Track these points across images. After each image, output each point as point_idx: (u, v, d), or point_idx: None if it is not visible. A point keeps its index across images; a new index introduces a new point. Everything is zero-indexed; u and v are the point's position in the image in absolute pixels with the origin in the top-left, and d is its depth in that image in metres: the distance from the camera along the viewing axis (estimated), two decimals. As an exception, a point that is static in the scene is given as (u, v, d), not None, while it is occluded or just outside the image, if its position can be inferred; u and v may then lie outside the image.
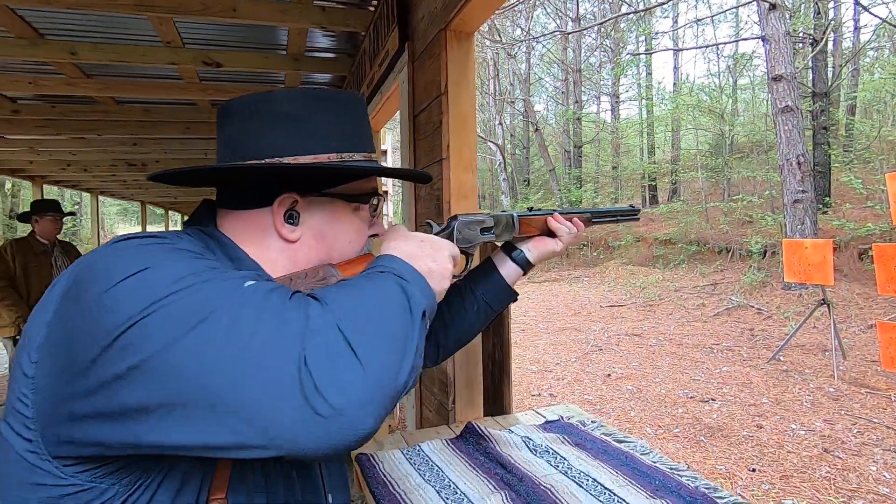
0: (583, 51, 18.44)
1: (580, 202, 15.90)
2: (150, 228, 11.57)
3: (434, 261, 0.66)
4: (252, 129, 0.63)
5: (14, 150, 4.78)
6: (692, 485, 1.06)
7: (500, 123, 16.05)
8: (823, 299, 5.08)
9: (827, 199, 9.94)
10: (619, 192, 17.94)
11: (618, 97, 20.43)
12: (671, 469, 1.14)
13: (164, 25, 2.27)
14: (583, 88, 18.84)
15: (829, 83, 10.77)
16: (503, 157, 15.40)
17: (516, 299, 1.02)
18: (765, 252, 9.41)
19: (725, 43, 14.10)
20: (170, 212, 13.59)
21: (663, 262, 11.41)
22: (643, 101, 19.25)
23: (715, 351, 5.81)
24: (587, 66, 20.23)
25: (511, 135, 20.73)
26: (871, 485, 2.82)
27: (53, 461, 0.47)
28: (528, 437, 1.30)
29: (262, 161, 0.62)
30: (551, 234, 0.98)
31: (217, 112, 0.67)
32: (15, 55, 2.38)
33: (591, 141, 19.39)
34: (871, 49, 15.74)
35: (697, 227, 11.93)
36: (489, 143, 16.03)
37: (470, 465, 1.18)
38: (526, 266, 0.98)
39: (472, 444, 1.29)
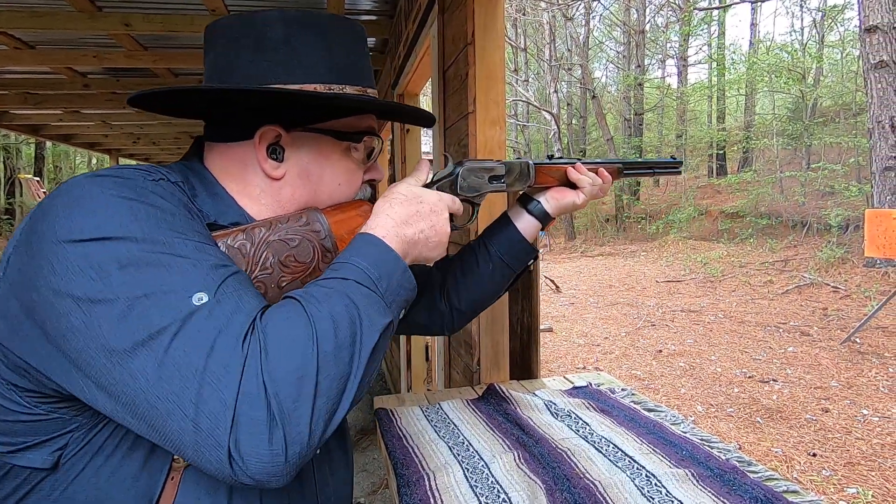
0: (647, 10, 17.23)
1: (639, 173, 15.13)
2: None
3: (431, 225, 0.63)
4: (234, 53, 0.59)
5: (89, 124, 5.15)
6: (723, 457, 0.99)
7: (556, 91, 15.44)
8: (912, 277, 4.59)
9: (926, 167, 8.86)
10: (683, 163, 16.89)
11: (685, 60, 19.01)
12: (702, 440, 1.07)
13: (207, -8, 2.32)
14: (646, 51, 17.68)
15: (938, 34, 9.45)
16: (558, 127, 14.85)
17: (537, 257, 0.93)
18: (846, 226, 8.60)
19: (812, -7, 12.64)
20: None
21: (728, 237, 10.72)
22: (714, 63, 17.80)
23: (781, 330, 5.43)
24: (652, 26, 18.91)
25: (567, 104, 19.91)
26: (952, 478, 2.56)
27: (14, 389, 0.48)
28: (551, 401, 1.26)
29: (239, 86, 0.58)
30: (573, 185, 0.88)
31: (203, 34, 0.63)
32: (77, 28, 2.53)
33: (654, 108, 18.28)
34: None
35: (769, 199, 11.07)
36: (543, 113, 15.51)
37: (487, 424, 1.16)
38: (544, 219, 0.88)
39: (493, 405, 1.26)
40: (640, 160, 0.97)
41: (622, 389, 1.37)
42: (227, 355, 0.42)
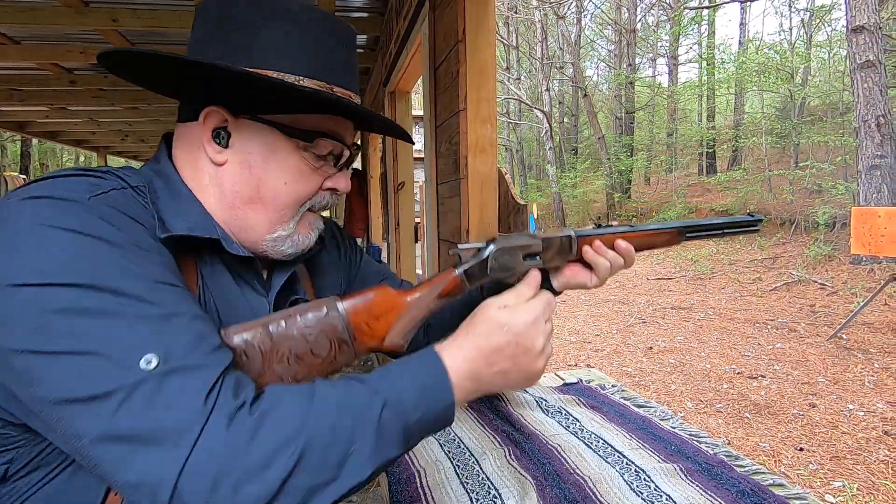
0: (638, 9, 17.31)
1: (630, 171, 15.23)
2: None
3: (516, 365, 0.57)
4: (204, 30, 0.58)
5: (77, 121, 5.08)
6: (711, 451, 1.00)
7: (548, 90, 15.47)
8: (896, 274, 4.66)
9: (911, 165, 9.00)
10: (673, 160, 17.04)
11: (676, 59, 19.12)
12: (690, 435, 1.08)
13: (195, -12, 2.29)
14: (637, 50, 17.77)
15: (922, 35, 9.61)
16: (550, 126, 14.89)
17: None
18: (833, 224, 8.71)
19: (800, -7, 12.81)
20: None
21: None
22: (704, 62, 17.93)
23: (769, 327, 5.49)
24: (643, 25, 19.01)
25: (559, 102, 19.95)
26: (935, 471, 2.61)
27: None
28: (542, 398, 1.27)
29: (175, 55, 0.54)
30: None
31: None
32: (64, 23, 2.49)
33: (645, 107, 18.37)
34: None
35: (758, 198, 11.18)
36: (535, 111, 15.53)
37: (479, 421, 1.17)
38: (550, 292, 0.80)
39: (484, 401, 1.27)
40: (705, 222, 0.84)
41: (612, 386, 1.39)
42: (181, 419, 0.40)
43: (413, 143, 0.76)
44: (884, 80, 6.87)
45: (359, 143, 0.66)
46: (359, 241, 4.80)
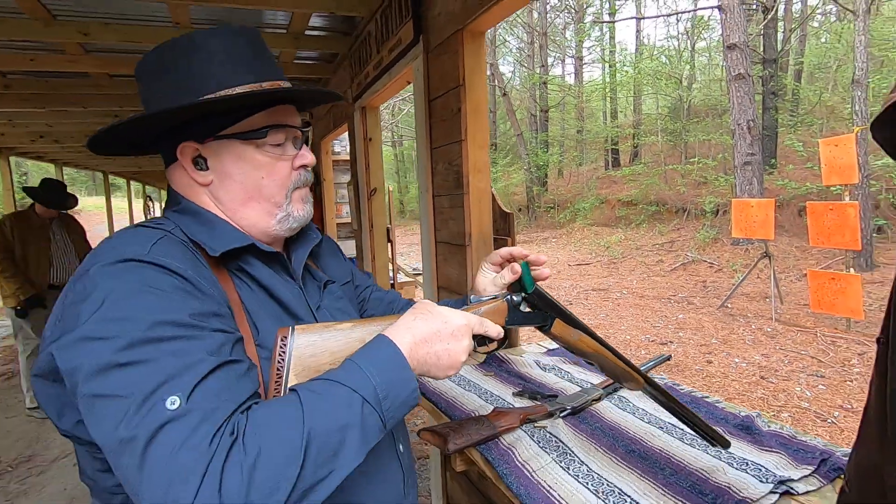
0: (548, 12, 18.46)
1: (546, 165, 16.31)
2: (114, 199, 11.27)
3: (446, 348, 0.64)
4: (147, 85, 0.70)
5: (-11, 122, 4.69)
6: (662, 382, 1.47)
7: (468, 88, 16.06)
8: (765, 252, 5.71)
9: (773, 160, 10.71)
10: (583, 156, 18.46)
11: (581, 60, 20.66)
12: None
13: (178, 10, 2.40)
14: (549, 51, 18.96)
15: (779, 49, 11.39)
16: (471, 122, 15.50)
17: None
18: (717, 211, 10.13)
19: (684, 13, 14.57)
20: (131, 182, 13.18)
21: (625, 223, 12.06)
22: (606, 64, 19.58)
23: (672, 301, 6.43)
24: (553, 28, 20.26)
25: (478, 99, 20.67)
26: (795, 402, 3.43)
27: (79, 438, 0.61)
28: (537, 360, 1.68)
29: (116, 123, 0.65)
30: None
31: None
32: (29, 36, 2.46)
33: (557, 105, 19.68)
34: (820, 14, 16.51)
35: (657, 189, 12.57)
36: (457, 108, 16.07)
37: (497, 378, 1.55)
38: None
39: (495, 366, 1.65)
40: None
41: (582, 348, 1.83)
42: (191, 460, 0.45)
43: (342, 100, 0.85)
44: (752, 89, 8.18)
45: (308, 121, 0.79)
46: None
